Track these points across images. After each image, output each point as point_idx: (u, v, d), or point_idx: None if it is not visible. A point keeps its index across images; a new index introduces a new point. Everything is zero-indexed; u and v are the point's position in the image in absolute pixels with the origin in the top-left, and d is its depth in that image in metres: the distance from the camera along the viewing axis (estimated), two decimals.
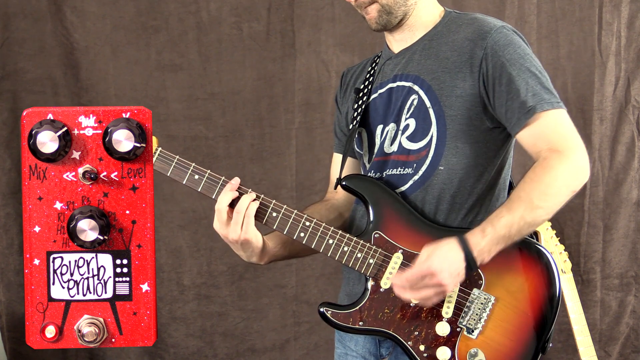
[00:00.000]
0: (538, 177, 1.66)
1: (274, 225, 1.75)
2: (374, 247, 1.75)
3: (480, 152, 1.77)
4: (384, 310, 1.74)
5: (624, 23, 3.08)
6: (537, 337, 1.74)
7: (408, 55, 1.85)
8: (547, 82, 1.74)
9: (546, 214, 1.69)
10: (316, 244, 1.75)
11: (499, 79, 1.71)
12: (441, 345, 1.72)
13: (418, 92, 1.79)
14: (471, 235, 1.64)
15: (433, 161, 1.76)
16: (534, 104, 1.69)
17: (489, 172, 1.79)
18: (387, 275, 1.74)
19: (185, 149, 2.99)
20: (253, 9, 3.00)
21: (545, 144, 1.69)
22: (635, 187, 3.14)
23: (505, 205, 1.67)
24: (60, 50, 2.91)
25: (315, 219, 1.76)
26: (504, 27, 1.77)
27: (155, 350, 3.07)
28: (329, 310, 1.76)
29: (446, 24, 1.83)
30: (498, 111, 1.73)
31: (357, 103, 1.91)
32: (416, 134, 1.78)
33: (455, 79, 1.75)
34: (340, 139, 2.03)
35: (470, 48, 1.74)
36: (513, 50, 1.73)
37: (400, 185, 1.79)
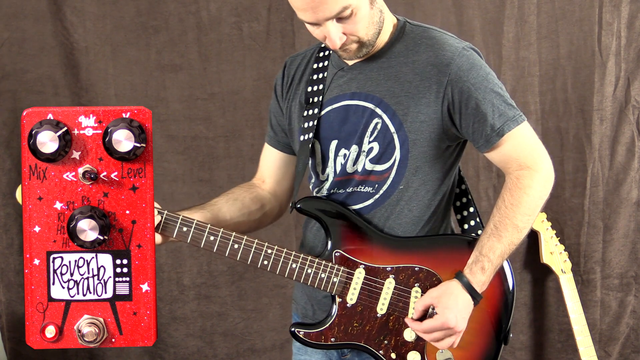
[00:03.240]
0: (516, 201, 1.75)
1: (237, 257, 1.79)
2: (336, 265, 1.81)
3: (439, 168, 1.83)
4: (353, 325, 1.81)
5: (624, 23, 3.08)
6: (498, 330, 1.84)
7: (365, 71, 1.83)
8: (507, 96, 1.80)
9: (527, 230, 1.79)
10: (280, 269, 1.81)
11: (466, 103, 1.76)
12: (411, 350, 1.80)
13: (381, 116, 1.80)
14: (471, 275, 1.75)
15: (394, 181, 1.82)
16: (501, 126, 1.76)
17: (446, 184, 1.86)
18: (352, 291, 1.80)
19: (185, 149, 2.99)
20: (253, 9, 3.00)
21: (514, 161, 1.78)
22: (635, 187, 3.13)
23: (493, 234, 1.75)
24: (60, 50, 2.91)
25: (275, 246, 1.81)
26: (464, 49, 1.79)
27: (155, 350, 3.07)
28: (300, 331, 1.83)
29: (403, 40, 1.82)
30: (464, 131, 1.79)
31: (308, 113, 1.90)
32: (380, 157, 1.82)
33: (419, 104, 1.77)
34: (277, 132, 2.02)
35: (434, 74, 1.76)
36: (476, 73, 1.76)
37: (361, 202, 1.84)
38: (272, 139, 2.04)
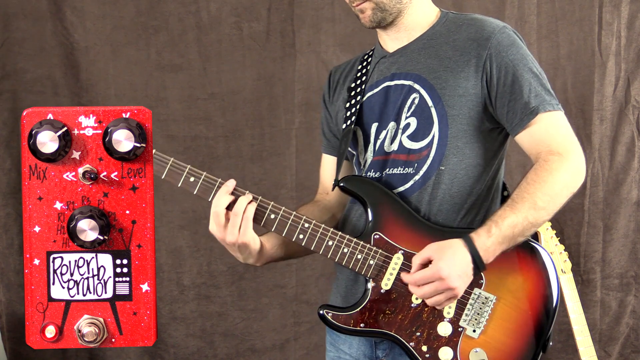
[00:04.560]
0: (540, 179, 1.67)
1: (272, 227, 1.74)
2: (374, 248, 1.74)
3: (480, 152, 1.77)
4: (385, 312, 1.73)
5: (624, 23, 3.08)
6: (538, 336, 1.74)
7: (406, 54, 1.84)
8: (547, 83, 1.76)
9: (547, 214, 1.70)
10: (315, 245, 1.74)
11: (504, 79, 1.72)
12: (443, 346, 1.71)
13: (419, 90, 1.78)
14: (477, 236, 1.65)
15: (434, 161, 1.76)
16: (536, 105, 1.71)
17: (487, 172, 1.80)
18: (388, 277, 1.73)
19: (185, 149, 2.99)
20: (253, 9, 3.00)
21: (545, 146, 1.71)
22: (635, 187, 3.14)
23: (508, 205, 1.68)
24: (60, 50, 2.91)
25: (314, 220, 1.74)
26: (505, 27, 1.78)
27: (155, 350, 3.07)
28: (329, 313, 1.75)
29: (444, 24, 1.83)
30: (499, 111, 1.74)
31: (350, 102, 1.89)
32: (417, 133, 1.77)
33: (458, 78, 1.74)
34: (330, 139, 2.01)
35: (474, 48, 1.75)
36: (516, 50, 1.74)
37: (400, 185, 1.78)
38: (326, 147, 2.03)
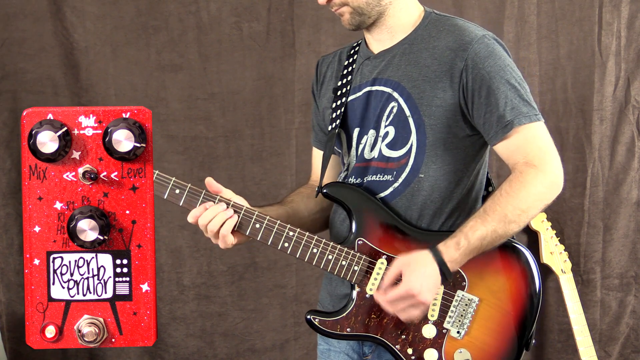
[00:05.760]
0: (513, 192, 1.68)
1: (257, 237, 1.76)
2: (357, 254, 1.77)
3: (459, 158, 1.79)
4: (371, 316, 1.77)
5: (624, 23, 3.08)
6: (520, 335, 1.78)
7: (388, 58, 1.83)
8: (527, 93, 1.75)
9: (518, 227, 1.71)
10: (300, 253, 1.77)
11: (478, 91, 1.72)
12: (428, 348, 1.75)
13: (397, 99, 1.78)
14: (445, 247, 1.67)
15: (413, 169, 1.78)
16: (511, 119, 1.71)
17: (468, 176, 1.81)
18: (372, 282, 1.76)
19: (185, 149, 2.99)
20: (253, 9, 3.00)
21: (521, 157, 1.71)
22: (635, 187, 3.13)
23: (479, 216, 1.69)
24: (60, 50, 2.91)
25: (298, 229, 1.77)
26: (485, 36, 1.77)
27: (155, 350, 3.07)
28: (316, 318, 1.79)
29: (426, 27, 1.82)
30: (476, 122, 1.75)
31: (336, 103, 1.90)
32: (396, 142, 1.79)
33: (435, 88, 1.75)
34: (317, 132, 2.03)
35: (451, 58, 1.74)
36: (493, 62, 1.73)
37: (380, 192, 1.81)
38: (314, 140, 2.05)
